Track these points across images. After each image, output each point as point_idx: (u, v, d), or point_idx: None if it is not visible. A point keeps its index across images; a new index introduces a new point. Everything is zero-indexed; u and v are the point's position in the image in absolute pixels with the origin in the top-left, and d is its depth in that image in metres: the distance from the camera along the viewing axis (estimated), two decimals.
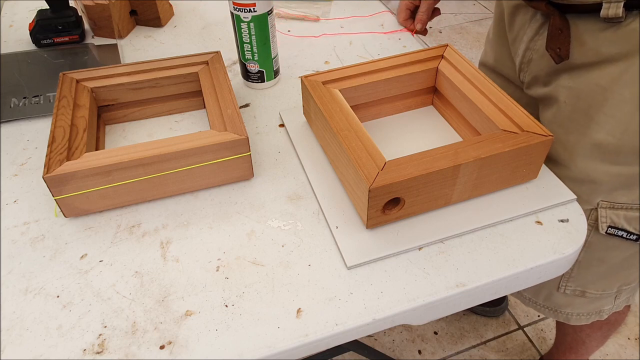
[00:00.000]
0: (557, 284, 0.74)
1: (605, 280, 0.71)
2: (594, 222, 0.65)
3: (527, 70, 0.69)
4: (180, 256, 0.52)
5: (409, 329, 1.29)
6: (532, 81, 0.69)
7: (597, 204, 0.63)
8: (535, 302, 0.79)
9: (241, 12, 0.66)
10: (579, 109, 0.61)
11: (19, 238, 0.54)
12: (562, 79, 0.62)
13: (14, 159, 0.64)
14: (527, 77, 0.70)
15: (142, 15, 0.90)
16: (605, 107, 0.58)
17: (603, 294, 0.73)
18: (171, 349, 0.44)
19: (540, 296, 0.77)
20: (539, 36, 0.65)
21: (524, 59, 0.69)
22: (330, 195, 0.57)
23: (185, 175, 0.56)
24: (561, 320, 0.78)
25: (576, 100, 0.61)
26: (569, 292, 0.73)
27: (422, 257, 0.51)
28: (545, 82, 0.66)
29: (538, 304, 0.78)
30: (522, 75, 0.71)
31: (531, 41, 0.66)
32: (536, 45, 0.66)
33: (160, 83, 0.66)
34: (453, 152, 0.51)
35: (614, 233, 0.64)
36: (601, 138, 0.59)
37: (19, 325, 0.46)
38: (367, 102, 0.64)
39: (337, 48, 0.84)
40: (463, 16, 2.59)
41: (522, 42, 0.68)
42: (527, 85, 0.71)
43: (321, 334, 0.45)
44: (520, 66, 0.70)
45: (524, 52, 0.68)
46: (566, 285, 0.73)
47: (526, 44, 0.67)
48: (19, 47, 0.86)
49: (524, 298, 0.80)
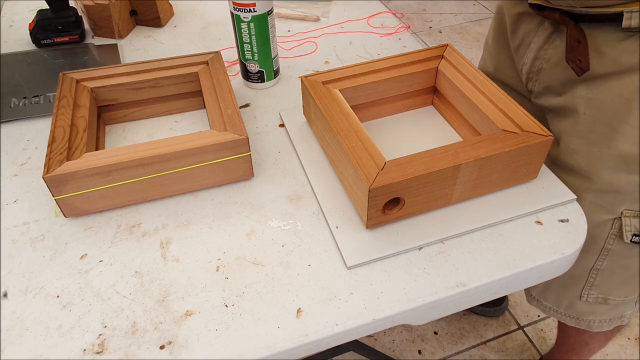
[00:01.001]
0: (579, 293, 0.73)
1: (629, 286, 0.71)
2: (617, 232, 0.64)
3: (537, 79, 0.67)
4: (180, 256, 0.52)
5: (409, 329, 1.29)
6: (544, 91, 0.67)
7: (620, 213, 0.62)
8: (556, 311, 0.78)
9: (241, 12, 0.66)
10: (601, 120, 0.59)
11: (19, 238, 0.54)
12: (579, 89, 0.61)
13: (14, 159, 0.64)
14: (537, 86, 0.68)
15: (142, 15, 0.90)
16: (630, 118, 0.56)
17: (625, 300, 0.72)
18: (171, 349, 0.44)
19: (562, 305, 0.77)
20: (548, 45, 0.64)
21: (532, 68, 0.67)
22: (330, 195, 0.57)
23: (185, 175, 0.56)
24: (583, 327, 0.78)
25: (597, 111, 0.59)
26: (591, 300, 0.73)
27: (422, 257, 0.51)
28: (559, 92, 0.64)
29: (560, 312, 0.78)
30: (531, 85, 0.69)
31: (540, 50, 0.65)
32: (547, 54, 0.64)
33: (160, 83, 0.65)
34: (453, 152, 0.51)
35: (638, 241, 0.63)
36: (627, 149, 0.58)
37: (19, 325, 0.46)
38: (367, 102, 0.64)
39: (337, 48, 0.84)
40: (463, 16, 2.59)
41: (530, 51, 0.67)
42: (536, 95, 0.69)
43: (321, 334, 0.45)
44: (528, 75, 0.69)
45: (532, 60, 0.67)
46: (588, 293, 0.72)
47: (534, 53, 0.66)
48: (19, 47, 0.86)
49: (544, 307, 0.79)
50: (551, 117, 0.68)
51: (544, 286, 0.77)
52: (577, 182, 0.62)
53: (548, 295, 0.78)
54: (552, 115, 0.68)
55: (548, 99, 0.67)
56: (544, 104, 0.68)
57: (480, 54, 0.86)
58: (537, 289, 0.79)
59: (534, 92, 0.70)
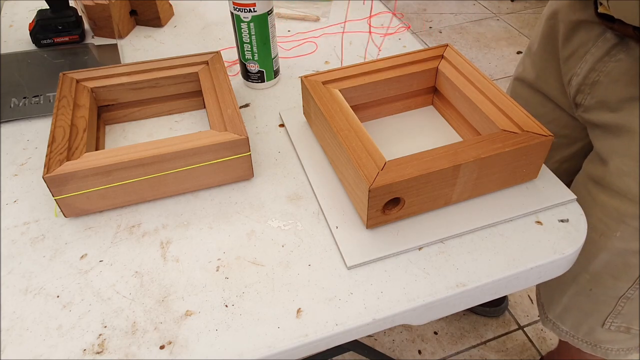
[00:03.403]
0: (602, 320, 0.71)
1: None
2: None
3: (591, 92, 0.64)
4: (180, 256, 0.52)
5: (409, 329, 1.29)
6: (597, 105, 0.64)
7: None
8: (573, 336, 0.76)
9: (241, 12, 0.66)
10: None
11: (19, 238, 0.54)
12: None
13: (14, 159, 0.64)
14: (589, 100, 0.64)
15: (142, 15, 0.90)
16: None
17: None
18: (171, 349, 0.44)
19: (581, 331, 0.75)
20: (609, 57, 0.60)
21: (586, 80, 0.64)
22: (330, 195, 0.57)
23: (185, 175, 0.56)
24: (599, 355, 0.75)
25: None
26: (614, 328, 0.71)
27: (422, 257, 0.51)
28: (614, 109, 0.61)
29: (577, 337, 0.76)
30: (581, 97, 0.66)
31: (599, 62, 0.61)
32: (606, 67, 0.61)
33: (160, 83, 0.66)
34: (453, 152, 0.51)
35: None
36: None
37: (19, 325, 0.46)
38: (367, 102, 0.64)
39: (337, 48, 0.84)
40: (463, 16, 2.59)
41: (585, 62, 0.63)
42: (585, 109, 0.66)
43: (321, 334, 0.45)
44: (579, 87, 0.65)
45: (587, 72, 0.63)
46: (613, 321, 0.70)
47: (591, 64, 0.62)
48: (19, 47, 0.86)
49: (560, 331, 0.77)
50: (598, 134, 0.65)
51: (563, 309, 0.75)
52: (624, 206, 0.59)
53: (566, 319, 0.75)
54: (600, 132, 0.64)
55: (599, 115, 0.64)
56: (592, 119, 0.65)
57: (480, 54, 0.85)
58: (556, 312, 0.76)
59: (582, 105, 0.66)
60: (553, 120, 0.75)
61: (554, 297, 0.76)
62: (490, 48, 2.32)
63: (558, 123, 0.74)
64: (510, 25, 2.51)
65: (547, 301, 0.78)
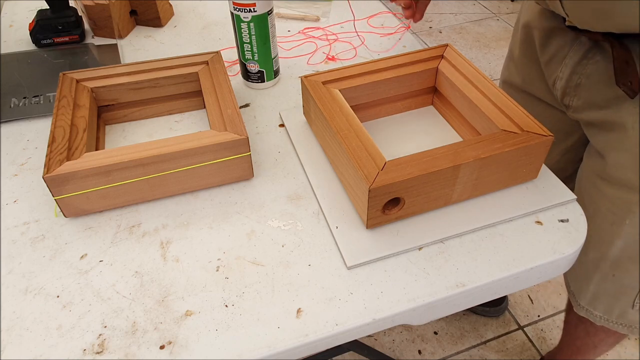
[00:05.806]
0: (631, 302, 0.72)
1: None
2: None
3: (576, 94, 0.66)
4: (180, 256, 0.52)
5: (409, 329, 1.29)
6: (584, 105, 0.66)
7: None
8: (607, 320, 0.77)
9: (241, 12, 0.66)
10: None
11: (19, 238, 0.54)
12: (627, 104, 0.59)
13: (14, 159, 0.64)
14: (576, 101, 0.67)
15: (142, 15, 0.90)
16: None
17: None
18: (171, 349, 0.44)
19: (613, 314, 0.76)
20: (587, 60, 0.62)
21: (569, 83, 0.66)
22: (330, 195, 0.57)
23: (185, 175, 0.56)
24: (636, 335, 0.77)
25: None
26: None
27: (422, 257, 0.51)
28: (602, 106, 0.63)
29: (611, 321, 0.77)
30: (568, 99, 0.68)
31: (578, 65, 0.63)
32: (586, 70, 0.63)
33: (160, 83, 0.66)
34: (453, 152, 0.51)
35: None
36: None
37: (19, 325, 0.46)
38: (367, 102, 0.64)
39: (337, 48, 0.84)
40: (463, 16, 2.59)
41: (565, 66, 0.65)
42: (575, 109, 0.68)
43: (321, 334, 0.45)
44: (564, 90, 0.67)
45: (569, 75, 0.65)
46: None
47: (571, 68, 0.65)
48: (19, 47, 0.86)
49: (594, 317, 0.78)
50: (593, 131, 0.66)
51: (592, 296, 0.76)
52: (628, 195, 0.61)
53: (597, 304, 0.77)
54: (594, 129, 0.66)
55: (589, 114, 0.65)
56: (584, 119, 0.67)
57: (480, 54, 0.86)
58: (587, 299, 0.78)
59: (571, 106, 0.68)
60: (547, 118, 0.76)
61: (582, 285, 0.77)
62: (490, 48, 2.32)
63: (552, 120, 0.75)
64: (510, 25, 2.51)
65: (577, 289, 0.79)
